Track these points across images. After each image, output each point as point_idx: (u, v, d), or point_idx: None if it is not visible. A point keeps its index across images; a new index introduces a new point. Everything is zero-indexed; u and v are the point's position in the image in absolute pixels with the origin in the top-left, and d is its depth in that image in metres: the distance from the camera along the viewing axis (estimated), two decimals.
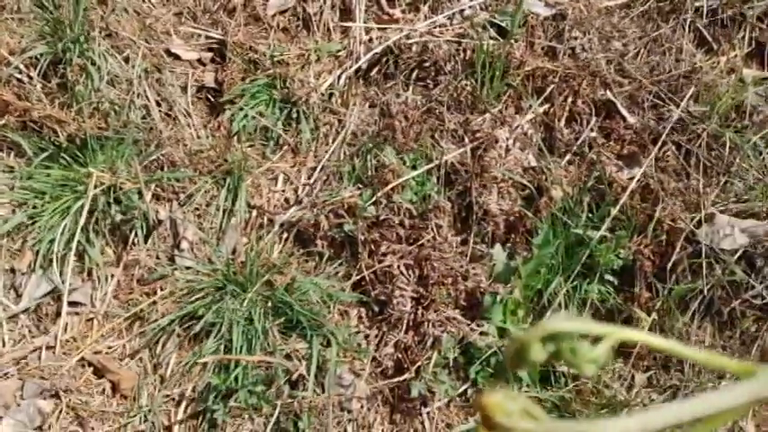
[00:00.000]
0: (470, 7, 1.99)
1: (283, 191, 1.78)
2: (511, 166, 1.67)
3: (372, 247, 1.63)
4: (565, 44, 1.93)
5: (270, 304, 1.56)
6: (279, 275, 1.59)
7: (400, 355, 1.51)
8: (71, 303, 1.56)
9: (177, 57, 1.90)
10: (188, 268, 1.62)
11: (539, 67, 1.86)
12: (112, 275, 1.62)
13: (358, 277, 1.61)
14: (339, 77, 1.94)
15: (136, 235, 1.65)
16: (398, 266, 1.58)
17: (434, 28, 1.95)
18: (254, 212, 1.72)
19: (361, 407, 1.47)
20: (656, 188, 1.67)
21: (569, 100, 1.87)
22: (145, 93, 1.79)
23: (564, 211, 1.64)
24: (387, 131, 1.81)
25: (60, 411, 1.41)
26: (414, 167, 1.72)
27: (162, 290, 1.58)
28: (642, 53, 1.98)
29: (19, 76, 1.74)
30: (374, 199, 1.66)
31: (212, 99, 1.88)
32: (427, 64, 1.86)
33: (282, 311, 1.55)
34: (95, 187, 1.64)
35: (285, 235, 1.68)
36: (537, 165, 1.75)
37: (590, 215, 1.65)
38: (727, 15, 1.97)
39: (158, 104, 1.82)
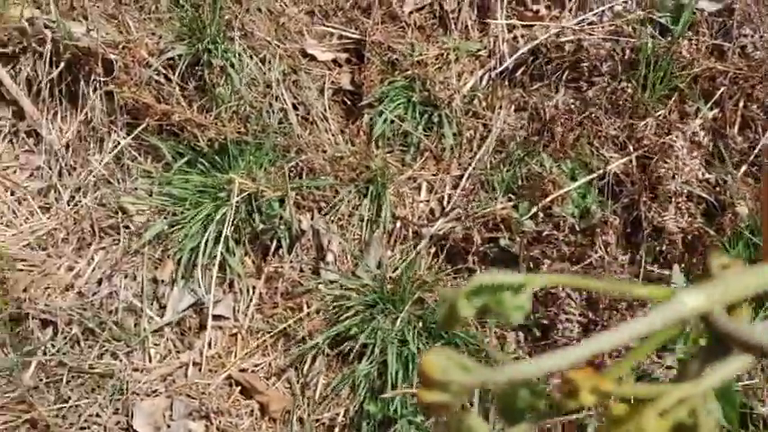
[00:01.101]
0: (624, 2, 1.79)
1: (428, 201, 1.63)
2: (688, 178, 1.47)
3: (531, 264, 1.47)
4: (734, 42, 1.70)
5: (422, 324, 1.42)
6: (429, 293, 1.45)
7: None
8: (214, 317, 1.46)
9: (313, 58, 1.77)
10: (332, 282, 1.49)
11: (708, 67, 1.65)
12: (254, 288, 1.51)
13: None
14: (481, 78, 1.78)
15: (280, 245, 1.53)
16: (563, 288, 1.41)
17: (586, 26, 1.77)
18: (398, 223, 1.58)
19: None
20: None
21: (741, 104, 1.65)
22: (282, 96, 1.68)
23: (750, 230, 1.44)
24: (538, 137, 1.64)
25: None
26: (573, 178, 1.55)
27: (308, 306, 1.46)
28: None
29: (157, 77, 1.65)
30: (532, 212, 1.49)
31: (348, 102, 1.75)
32: (585, 64, 1.67)
33: (437, 333, 1.40)
34: (238, 194, 1.53)
35: (433, 249, 1.54)
36: (711, 176, 1.54)
37: None
38: None
39: (295, 108, 1.70)
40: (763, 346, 0.21)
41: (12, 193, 1.57)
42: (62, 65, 1.57)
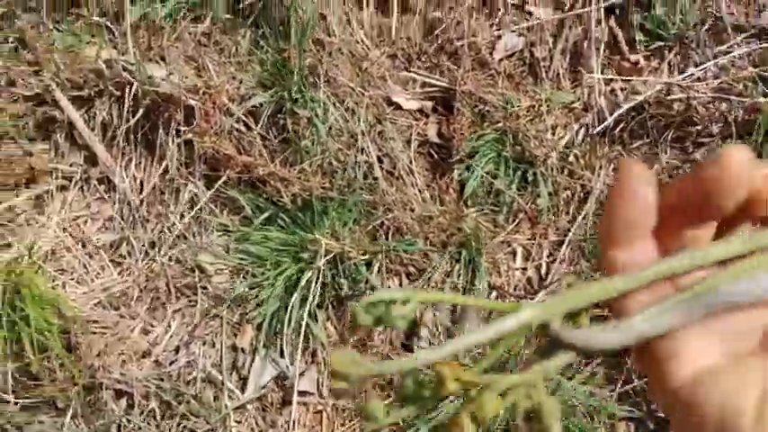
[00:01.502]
0: (734, 56, 1.66)
1: (524, 269, 1.50)
2: None
3: None
4: None
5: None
6: None
7: None
8: (298, 393, 1.35)
9: (398, 106, 1.66)
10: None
11: None
12: None
13: (627, 387, 1.32)
14: (577, 133, 1.66)
15: None
16: None
17: (693, 82, 1.64)
18: (495, 293, 1.46)
19: None
20: None
21: None
22: (368, 148, 1.56)
23: None
24: None
25: None
26: None
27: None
28: None
29: (237, 125, 1.55)
30: None
31: (435, 155, 1.64)
32: (699, 126, 1.54)
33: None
34: (323, 256, 1.42)
35: None
36: None
37: None
38: None
39: (379, 161, 1.59)
40: (577, 346, 0.27)
41: (83, 246, 1.47)
42: (140, 111, 1.47)
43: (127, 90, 1.47)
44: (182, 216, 1.50)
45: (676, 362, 0.27)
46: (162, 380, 1.31)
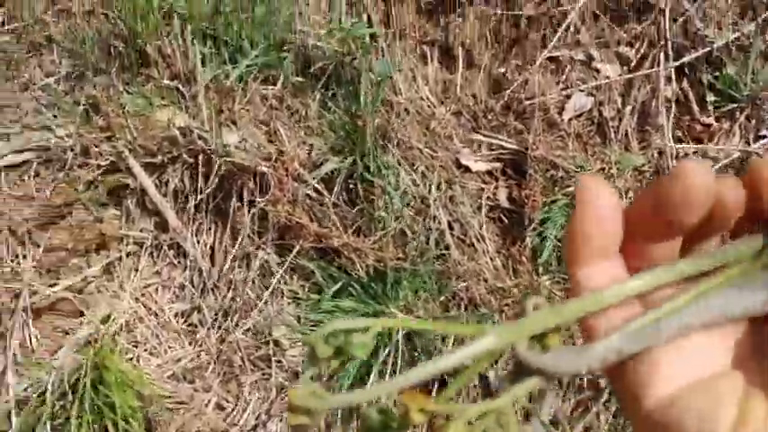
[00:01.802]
0: None
1: None
2: None
3: None
4: None
5: None
6: None
7: None
8: None
9: (467, 169, 1.63)
10: None
11: None
12: None
13: None
14: None
15: (442, 389, 1.40)
16: None
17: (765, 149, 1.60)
18: None
19: None
20: None
21: None
22: (439, 215, 1.54)
23: None
24: None
25: None
26: None
27: None
28: None
29: (308, 192, 1.52)
30: None
31: (505, 220, 1.61)
32: None
33: None
34: (398, 332, 1.40)
35: (613, 408, 1.39)
36: None
37: None
38: None
39: (450, 226, 1.56)
40: (545, 370, 0.26)
41: (155, 315, 1.45)
42: (215, 181, 1.44)
43: (201, 158, 1.45)
44: (253, 283, 1.48)
45: (648, 384, 0.26)
46: None
